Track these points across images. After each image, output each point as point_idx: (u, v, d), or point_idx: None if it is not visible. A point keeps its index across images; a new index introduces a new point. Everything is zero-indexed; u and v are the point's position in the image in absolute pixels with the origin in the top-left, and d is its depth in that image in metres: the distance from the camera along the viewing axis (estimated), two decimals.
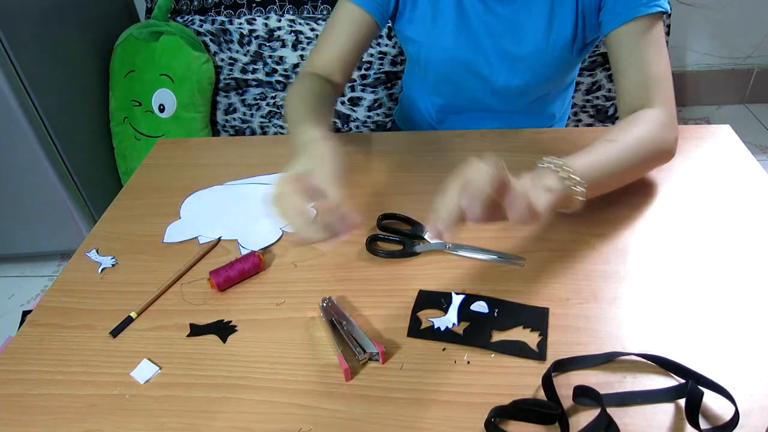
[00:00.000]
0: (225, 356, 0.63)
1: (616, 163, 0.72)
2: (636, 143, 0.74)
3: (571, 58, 0.92)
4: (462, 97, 1.03)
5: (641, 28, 0.79)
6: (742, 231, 0.73)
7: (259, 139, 1.23)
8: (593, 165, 0.69)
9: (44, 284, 1.82)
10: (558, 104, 1.08)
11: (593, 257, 0.71)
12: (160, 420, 0.58)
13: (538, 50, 0.90)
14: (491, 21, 0.90)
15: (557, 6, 0.87)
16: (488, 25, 0.90)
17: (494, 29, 0.91)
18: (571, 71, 1.02)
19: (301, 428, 0.55)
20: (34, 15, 1.51)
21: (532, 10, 0.88)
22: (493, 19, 0.90)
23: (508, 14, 0.89)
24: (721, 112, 2.29)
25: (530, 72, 0.94)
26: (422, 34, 0.94)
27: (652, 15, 0.79)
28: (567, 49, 0.90)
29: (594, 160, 0.70)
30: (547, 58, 0.91)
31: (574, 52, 0.91)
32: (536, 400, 0.55)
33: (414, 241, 0.75)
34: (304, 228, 0.60)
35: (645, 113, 0.78)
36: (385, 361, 0.61)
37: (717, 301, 0.64)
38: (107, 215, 0.87)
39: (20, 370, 0.65)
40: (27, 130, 1.50)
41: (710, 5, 2.03)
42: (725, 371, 0.56)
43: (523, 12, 0.88)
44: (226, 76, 1.76)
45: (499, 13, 0.89)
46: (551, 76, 0.97)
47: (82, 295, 0.73)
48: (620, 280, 0.68)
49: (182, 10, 1.76)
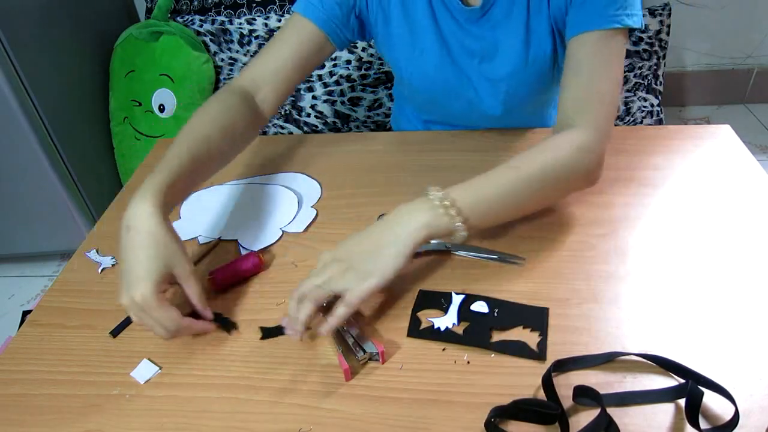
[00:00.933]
0: (225, 356, 0.63)
1: (512, 193, 0.69)
2: (540, 171, 0.70)
3: (553, 71, 0.88)
4: (449, 115, 1.01)
5: (596, 42, 0.75)
6: (742, 231, 0.73)
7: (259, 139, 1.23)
8: (485, 196, 0.67)
9: (44, 284, 1.82)
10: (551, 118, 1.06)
11: (593, 257, 0.71)
12: (160, 420, 0.58)
13: (517, 69, 0.87)
14: (468, 42, 0.87)
15: (533, 21, 0.83)
16: (465, 46, 0.87)
17: (472, 50, 0.87)
18: (553, 83, 0.94)
19: (301, 428, 0.55)
20: (34, 15, 1.51)
21: (507, 28, 0.84)
22: (470, 40, 0.86)
23: (483, 34, 0.85)
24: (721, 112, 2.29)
25: (512, 90, 0.90)
26: (402, 58, 0.91)
27: (613, 30, 0.74)
28: (548, 64, 0.86)
29: (486, 191, 0.67)
30: (526, 76, 0.88)
31: (555, 69, 0.87)
32: (536, 400, 0.55)
33: None
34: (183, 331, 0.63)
35: (562, 136, 0.73)
36: (385, 361, 0.61)
37: (717, 301, 0.64)
38: (107, 215, 0.87)
39: (20, 370, 0.65)
40: (27, 130, 1.50)
41: (710, 5, 2.03)
42: (725, 371, 0.56)
43: (499, 31, 0.84)
44: (226, 76, 1.76)
45: (474, 33, 0.86)
46: (534, 92, 0.92)
47: (82, 295, 0.73)
48: (620, 280, 0.68)
49: (182, 10, 1.76)
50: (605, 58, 0.75)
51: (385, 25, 0.89)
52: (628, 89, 1.63)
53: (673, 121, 2.22)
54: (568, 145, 0.71)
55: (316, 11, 0.85)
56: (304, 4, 0.86)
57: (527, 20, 0.83)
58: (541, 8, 0.82)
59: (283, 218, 0.82)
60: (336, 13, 0.86)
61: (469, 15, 0.84)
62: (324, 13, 0.85)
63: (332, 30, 0.86)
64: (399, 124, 1.16)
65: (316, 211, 0.83)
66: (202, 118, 0.77)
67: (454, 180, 0.67)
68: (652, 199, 0.79)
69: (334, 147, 0.98)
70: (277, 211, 0.83)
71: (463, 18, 0.85)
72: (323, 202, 0.85)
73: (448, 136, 0.98)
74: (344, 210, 0.83)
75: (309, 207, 0.84)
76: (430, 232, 0.63)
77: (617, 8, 0.74)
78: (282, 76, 0.85)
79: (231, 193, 0.89)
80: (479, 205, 0.66)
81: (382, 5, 0.87)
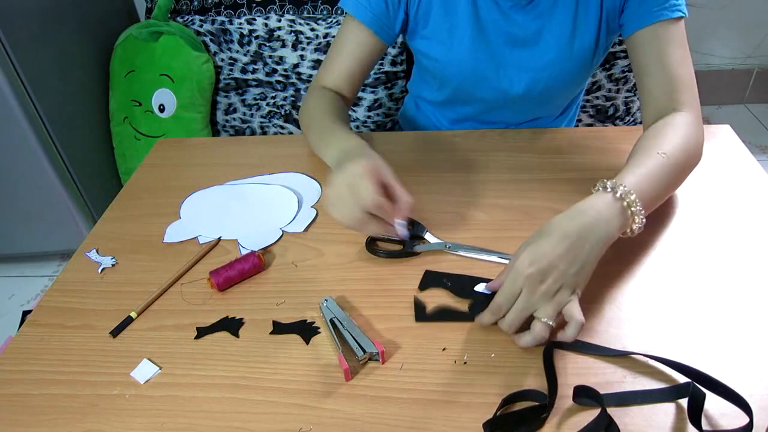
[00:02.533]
0: (225, 356, 0.63)
1: (668, 179, 0.70)
2: (684, 155, 0.72)
3: (592, 63, 0.91)
4: (477, 108, 1.01)
5: (665, 31, 0.79)
6: (742, 231, 0.73)
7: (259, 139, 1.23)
8: (652, 188, 0.67)
9: (44, 284, 1.82)
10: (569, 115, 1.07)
11: None
12: (160, 420, 0.58)
13: (560, 58, 0.88)
14: (511, 30, 0.88)
15: (581, 12, 0.85)
16: (508, 35, 0.88)
17: (515, 39, 0.88)
18: (588, 76, 1.00)
19: (301, 428, 0.55)
20: (34, 15, 1.51)
21: (554, 17, 0.86)
22: (514, 29, 0.88)
23: (529, 22, 0.87)
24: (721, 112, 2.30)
25: (551, 80, 0.92)
26: (438, 50, 0.92)
27: (675, 19, 0.79)
28: (589, 55, 0.89)
29: (652, 184, 0.67)
30: (569, 66, 0.90)
31: (595, 57, 0.90)
32: (523, 392, 0.55)
33: (414, 241, 0.75)
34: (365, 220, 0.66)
35: (678, 118, 0.76)
36: (385, 361, 0.61)
37: (717, 300, 0.64)
38: (107, 215, 0.87)
39: (20, 370, 0.64)
40: (27, 130, 1.50)
41: (710, 5, 2.03)
42: (725, 371, 0.56)
43: (545, 19, 0.86)
44: (226, 76, 1.76)
45: (519, 22, 0.87)
46: (570, 84, 0.95)
47: (82, 295, 0.73)
48: (620, 280, 0.68)
49: (182, 10, 1.76)
50: (679, 43, 0.80)
51: (426, 15, 0.90)
52: (628, 89, 1.63)
53: None
54: (689, 128, 0.75)
55: (366, 13, 0.88)
56: (354, 6, 0.89)
57: (576, 10, 0.85)
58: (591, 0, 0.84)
59: (283, 218, 0.82)
60: (383, 10, 0.88)
61: (516, 2, 0.85)
62: (372, 12, 0.88)
63: (381, 28, 0.90)
64: (411, 123, 1.16)
65: (316, 211, 0.83)
66: (314, 104, 0.90)
67: (457, 180, 0.67)
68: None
69: None
70: (277, 211, 0.83)
71: (508, 5, 0.86)
72: (323, 202, 0.85)
73: (450, 137, 0.98)
74: None
75: (309, 207, 0.84)
76: (619, 235, 0.64)
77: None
78: (352, 83, 0.94)
79: (231, 193, 0.89)
80: (651, 199, 0.67)
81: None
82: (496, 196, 0.83)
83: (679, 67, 0.79)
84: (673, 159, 0.71)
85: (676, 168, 0.71)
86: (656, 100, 0.80)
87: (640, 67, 0.82)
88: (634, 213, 0.63)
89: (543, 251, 0.58)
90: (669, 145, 0.72)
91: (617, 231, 0.63)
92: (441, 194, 0.84)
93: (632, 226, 0.64)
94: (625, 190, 0.63)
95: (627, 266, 0.70)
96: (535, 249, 0.59)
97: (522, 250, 0.60)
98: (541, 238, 0.60)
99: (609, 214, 0.62)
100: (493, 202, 0.81)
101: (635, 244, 0.72)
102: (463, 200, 0.82)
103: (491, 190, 0.84)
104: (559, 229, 0.60)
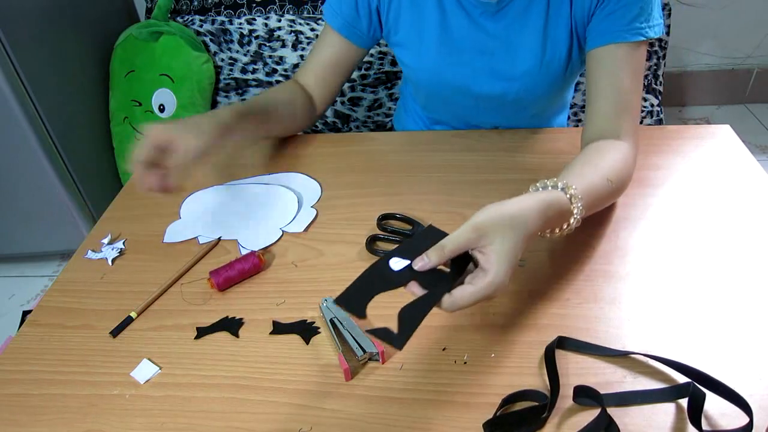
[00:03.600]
0: (225, 356, 0.63)
1: (601, 199, 0.70)
2: (620, 185, 0.74)
3: (565, 75, 0.89)
4: (454, 114, 1.01)
5: (624, 53, 0.78)
6: (742, 231, 0.73)
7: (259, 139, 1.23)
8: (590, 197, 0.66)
9: (44, 284, 1.82)
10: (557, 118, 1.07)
11: (593, 257, 0.71)
12: (160, 420, 0.58)
13: (531, 70, 0.87)
14: (480, 38, 0.86)
15: (551, 24, 0.83)
16: (476, 42, 0.87)
17: (484, 47, 0.87)
18: (567, 89, 0.99)
19: (301, 428, 0.55)
20: (34, 15, 1.51)
21: (525, 26, 0.84)
22: (483, 36, 0.86)
23: (498, 31, 0.85)
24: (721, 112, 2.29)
25: (523, 91, 0.91)
26: (409, 57, 0.92)
27: (635, 43, 0.77)
28: (562, 67, 0.87)
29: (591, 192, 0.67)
30: (540, 78, 0.88)
31: (568, 71, 0.88)
32: (523, 392, 0.55)
33: None
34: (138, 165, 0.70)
35: (621, 146, 0.76)
36: (385, 361, 0.61)
37: (716, 301, 0.64)
38: (107, 215, 0.87)
39: (20, 370, 0.64)
40: (27, 130, 1.50)
41: (710, 5, 2.03)
42: (725, 371, 0.56)
43: (516, 29, 0.84)
44: (226, 76, 1.76)
45: (488, 29, 0.85)
46: (545, 94, 0.93)
47: (82, 295, 0.73)
48: (620, 280, 0.68)
49: (182, 10, 1.76)
50: (634, 69, 0.79)
51: (396, 21, 0.90)
52: None
53: (673, 121, 2.22)
54: (630, 160, 0.76)
55: (337, 18, 0.89)
56: (328, 11, 0.91)
57: (546, 19, 0.83)
58: (562, 8, 0.82)
59: (283, 218, 0.82)
60: (353, 16, 0.88)
61: (484, 8, 0.84)
62: (342, 18, 0.89)
63: (353, 34, 0.90)
64: (403, 124, 1.16)
65: (316, 211, 0.83)
66: (270, 90, 0.93)
67: (455, 180, 0.67)
68: (652, 199, 0.79)
69: (334, 147, 0.98)
70: (277, 211, 0.83)
71: (477, 12, 0.84)
72: (323, 202, 0.85)
73: (448, 137, 0.98)
74: (344, 210, 0.83)
75: (309, 207, 0.84)
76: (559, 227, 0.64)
77: (642, 21, 0.77)
78: (323, 84, 0.95)
79: (231, 193, 0.89)
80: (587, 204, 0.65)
81: (395, 1, 0.88)
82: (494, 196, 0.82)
83: (629, 93, 0.78)
84: (614, 186, 0.71)
85: (611, 195, 0.73)
86: (601, 119, 0.79)
87: (593, 84, 0.80)
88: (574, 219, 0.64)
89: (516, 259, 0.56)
90: (613, 171, 0.71)
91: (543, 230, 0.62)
92: (439, 194, 0.84)
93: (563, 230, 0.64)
94: (574, 193, 0.63)
95: (627, 266, 0.70)
96: (512, 259, 0.55)
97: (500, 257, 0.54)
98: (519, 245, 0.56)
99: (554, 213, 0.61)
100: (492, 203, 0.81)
101: (636, 243, 0.72)
102: (461, 200, 0.82)
103: (490, 190, 0.84)
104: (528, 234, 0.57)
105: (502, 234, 0.55)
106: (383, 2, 0.88)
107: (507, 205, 0.58)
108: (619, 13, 0.77)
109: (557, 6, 0.82)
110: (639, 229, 0.75)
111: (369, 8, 0.89)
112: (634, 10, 0.76)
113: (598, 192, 0.69)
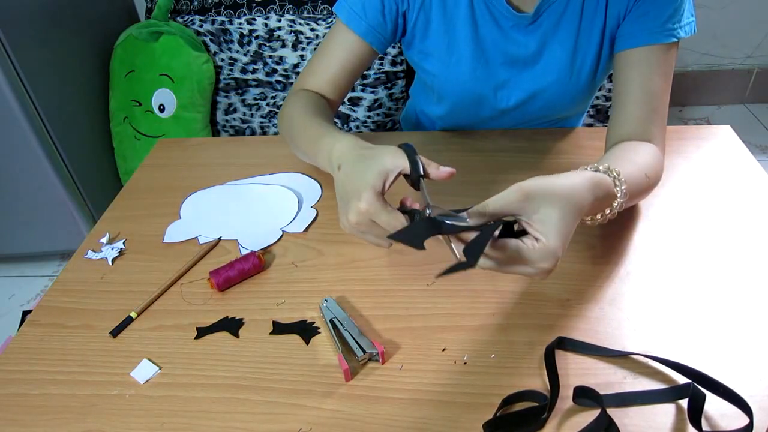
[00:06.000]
0: (225, 356, 0.63)
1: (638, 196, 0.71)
2: (656, 181, 0.74)
3: (593, 84, 0.89)
4: (476, 122, 1.00)
5: (655, 57, 0.77)
6: (742, 231, 0.73)
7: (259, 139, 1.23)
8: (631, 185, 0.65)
9: (44, 284, 1.82)
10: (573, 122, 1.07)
11: (593, 257, 0.71)
12: (160, 420, 0.58)
13: (560, 80, 0.86)
14: (510, 50, 0.85)
15: (584, 34, 0.82)
16: (507, 54, 0.86)
17: (513, 58, 0.86)
18: (591, 96, 0.98)
19: (301, 428, 0.55)
20: (34, 15, 1.51)
21: (556, 38, 0.83)
22: (513, 48, 0.85)
23: (529, 43, 0.84)
24: (721, 112, 2.30)
25: (546, 101, 0.90)
26: (437, 66, 0.90)
27: (668, 44, 0.76)
28: (589, 77, 0.87)
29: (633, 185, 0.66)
30: (569, 88, 0.88)
31: (596, 79, 0.88)
32: (523, 392, 0.55)
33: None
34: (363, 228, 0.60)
35: (653, 149, 0.75)
36: (385, 361, 0.61)
37: (717, 301, 0.64)
38: (107, 215, 0.87)
39: (20, 370, 0.64)
40: (27, 130, 1.50)
41: (710, 5, 2.03)
42: (725, 372, 0.56)
43: (547, 40, 0.84)
44: (226, 76, 1.76)
45: (519, 41, 0.84)
46: (567, 105, 0.93)
47: (82, 295, 0.73)
48: (621, 280, 0.68)
49: (182, 10, 1.76)
50: (665, 72, 0.78)
51: (424, 30, 0.87)
52: None
53: (673, 121, 2.22)
54: (659, 160, 0.76)
55: (360, 22, 0.85)
56: (347, 13, 0.85)
57: (578, 30, 0.82)
58: (596, 19, 0.81)
59: (283, 218, 0.82)
60: (379, 21, 0.85)
61: (518, 21, 0.82)
62: (367, 23, 0.85)
63: (377, 40, 0.86)
64: (413, 126, 1.15)
65: (316, 211, 0.83)
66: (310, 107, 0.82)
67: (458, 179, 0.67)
68: (652, 199, 0.79)
69: None
70: (277, 211, 0.83)
71: (509, 24, 0.83)
72: (323, 202, 0.85)
73: (450, 137, 0.98)
74: None
75: (309, 207, 0.84)
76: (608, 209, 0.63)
77: (674, 22, 0.76)
78: (335, 89, 0.89)
79: (231, 193, 0.89)
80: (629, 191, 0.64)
81: (424, 9, 0.85)
82: None
83: (660, 97, 0.77)
84: (650, 182, 0.72)
85: (646, 190, 0.73)
86: (632, 123, 0.78)
87: (623, 85, 0.79)
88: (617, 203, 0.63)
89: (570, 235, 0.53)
90: (650, 168, 0.71)
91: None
92: (442, 195, 0.83)
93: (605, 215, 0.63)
94: (618, 177, 0.63)
95: (627, 266, 0.70)
96: (565, 232, 0.52)
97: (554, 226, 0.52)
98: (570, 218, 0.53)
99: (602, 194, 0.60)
100: None
101: (636, 243, 0.72)
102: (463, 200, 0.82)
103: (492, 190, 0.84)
104: (579, 210, 0.55)
105: (554, 203, 0.52)
106: (412, 9, 0.85)
107: (555, 177, 0.55)
108: (653, 14, 0.76)
109: (590, 16, 0.81)
110: (639, 230, 0.75)
111: (396, 13, 0.86)
112: (669, 10, 0.75)
113: (637, 183, 0.67)
